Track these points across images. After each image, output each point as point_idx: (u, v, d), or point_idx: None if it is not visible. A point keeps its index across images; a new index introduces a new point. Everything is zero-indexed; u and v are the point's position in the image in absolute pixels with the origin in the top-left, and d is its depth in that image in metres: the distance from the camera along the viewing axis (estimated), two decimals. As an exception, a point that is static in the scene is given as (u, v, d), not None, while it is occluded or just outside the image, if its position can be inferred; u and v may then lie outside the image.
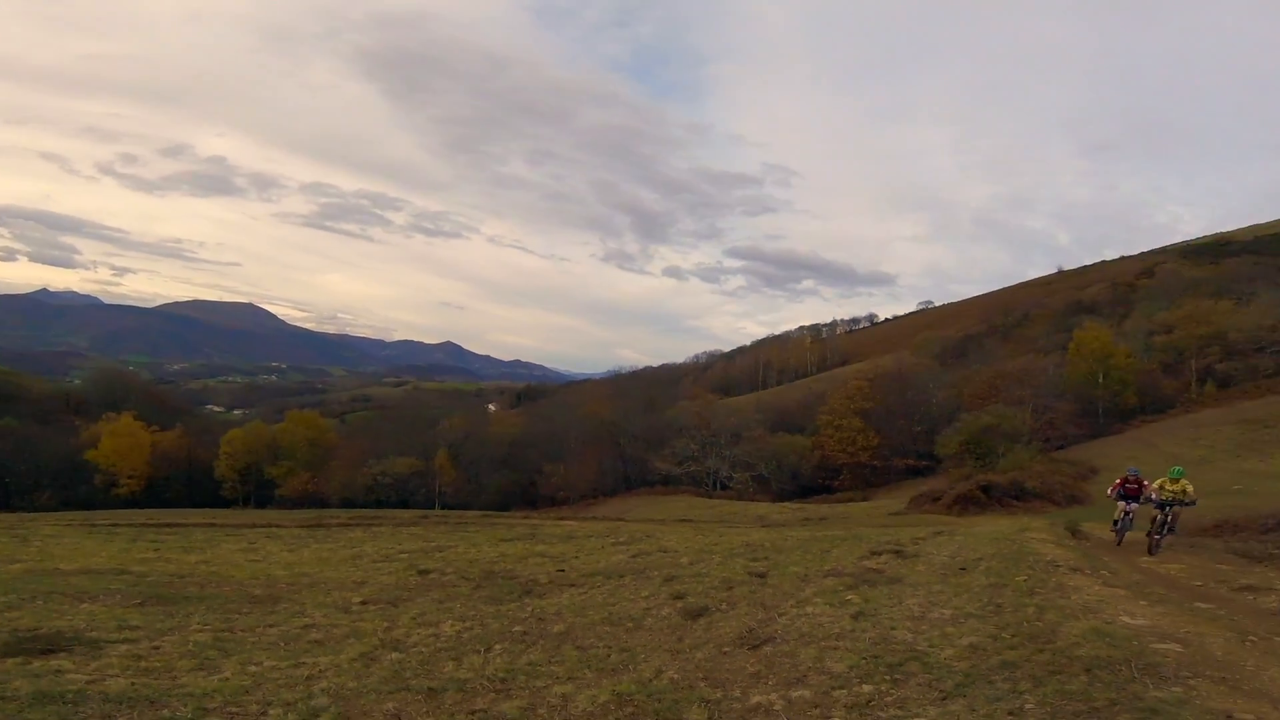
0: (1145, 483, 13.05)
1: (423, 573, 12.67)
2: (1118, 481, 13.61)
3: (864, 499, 49.78)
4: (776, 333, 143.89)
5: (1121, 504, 13.29)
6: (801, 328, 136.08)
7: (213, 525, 26.23)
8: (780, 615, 7.13)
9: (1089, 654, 4.78)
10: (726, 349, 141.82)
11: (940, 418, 52.15)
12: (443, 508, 57.12)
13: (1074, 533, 14.92)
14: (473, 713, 4.93)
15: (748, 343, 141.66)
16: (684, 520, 33.75)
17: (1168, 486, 12.14)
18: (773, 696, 4.72)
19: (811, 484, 59.02)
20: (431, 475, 63.81)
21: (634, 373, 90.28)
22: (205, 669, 6.16)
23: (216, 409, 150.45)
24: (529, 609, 8.92)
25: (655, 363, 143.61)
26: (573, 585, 10.73)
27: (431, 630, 7.83)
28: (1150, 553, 11.74)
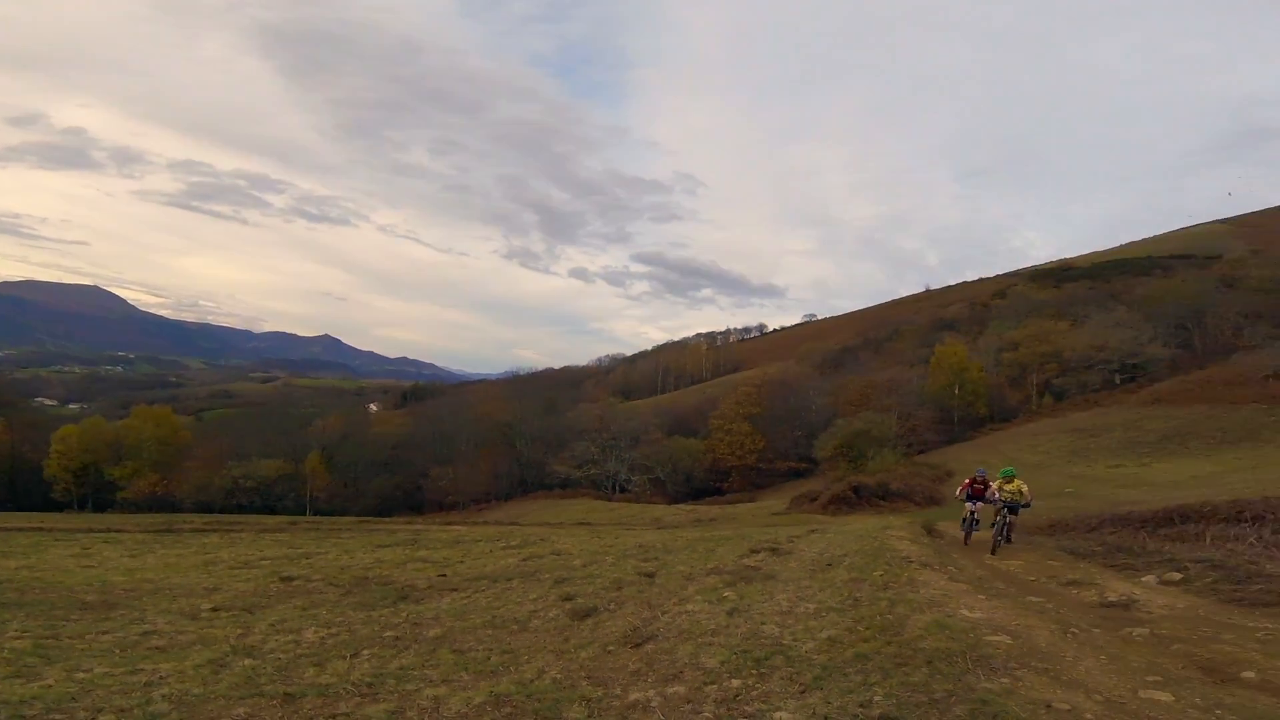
0: (991, 484, 13.60)
1: (286, 579, 11.75)
2: (965, 482, 14.18)
3: (751, 500, 51.98)
4: (676, 339, 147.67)
5: (968, 505, 13.88)
6: (699, 335, 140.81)
7: (40, 529, 22.96)
8: (663, 614, 7.28)
9: (931, 646, 5.23)
10: (629, 353, 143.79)
11: (819, 423, 55.63)
12: (315, 514, 53.29)
13: (929, 531, 15.90)
14: (334, 717, 4.67)
15: (649, 347, 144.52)
16: (582, 523, 33.63)
17: (1004, 487, 12.84)
18: (650, 693, 4.81)
19: (704, 486, 60.90)
20: (302, 479, 59.25)
21: (534, 374, 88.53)
22: (23, 676, 5.55)
23: (49, 402, 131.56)
24: (404, 614, 8.53)
25: (557, 364, 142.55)
26: (455, 590, 10.37)
27: (292, 637, 7.30)
28: (992, 552, 12.28)
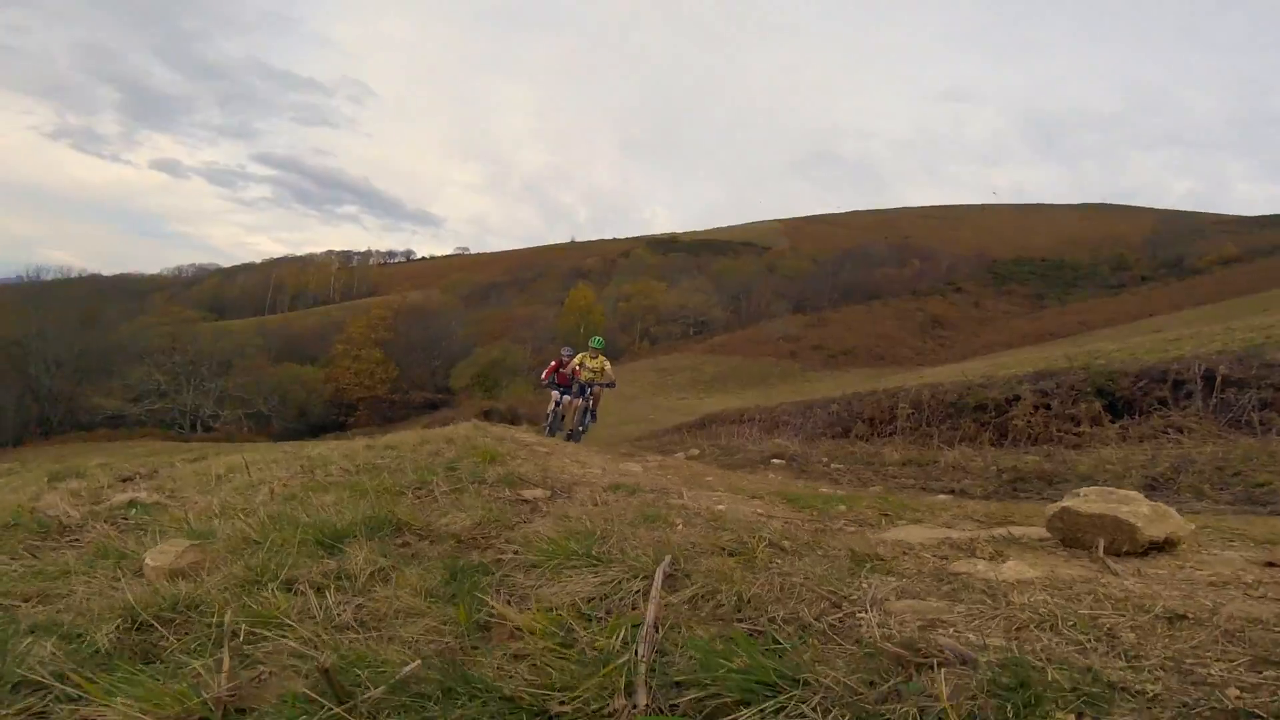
0: (577, 367, 11.70)
1: None
2: (552, 364, 11.85)
3: (381, 434, 49.07)
4: (299, 253, 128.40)
5: (555, 394, 11.77)
6: (330, 252, 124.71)
7: None
8: (163, 469, 5.98)
9: (461, 441, 5.38)
10: (228, 264, 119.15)
11: (459, 353, 55.68)
12: None
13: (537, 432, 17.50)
14: None
15: (258, 260, 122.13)
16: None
17: (588, 363, 10.94)
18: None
19: (323, 421, 54.78)
20: None
21: (66, 280, 63.10)
22: None
23: None
24: None
25: (108, 270, 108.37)
26: None
27: None
28: (570, 437, 10.91)
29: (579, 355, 11.12)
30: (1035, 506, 6.15)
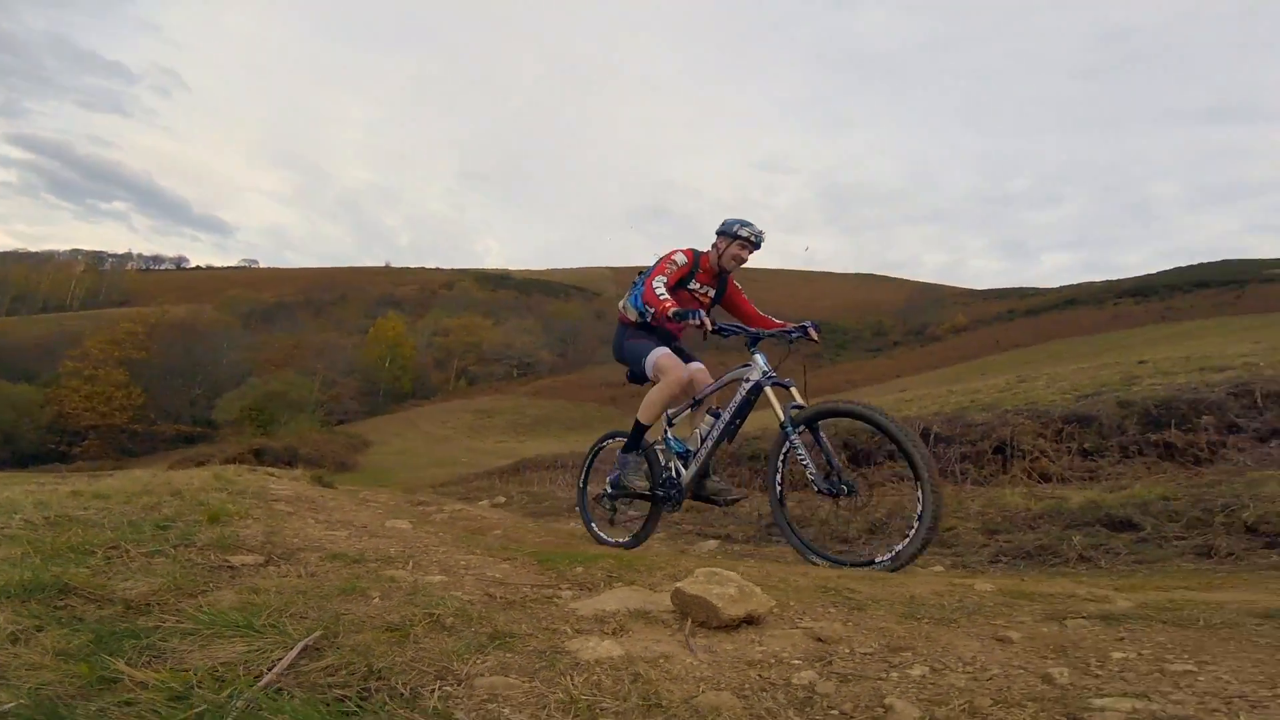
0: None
1: None
2: (662, 269, 3.85)
3: (117, 469, 40.50)
4: (37, 249, 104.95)
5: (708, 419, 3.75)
6: (78, 251, 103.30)
7: None
8: None
9: (197, 490, 4.71)
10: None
11: (229, 381, 48.51)
12: None
13: (319, 481, 15.84)
14: None
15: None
16: None
17: None
18: None
19: (39, 451, 44.39)
20: None
21: None
22: None
23: None
24: None
25: None
26: None
27: None
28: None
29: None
30: (776, 549, 6.98)
